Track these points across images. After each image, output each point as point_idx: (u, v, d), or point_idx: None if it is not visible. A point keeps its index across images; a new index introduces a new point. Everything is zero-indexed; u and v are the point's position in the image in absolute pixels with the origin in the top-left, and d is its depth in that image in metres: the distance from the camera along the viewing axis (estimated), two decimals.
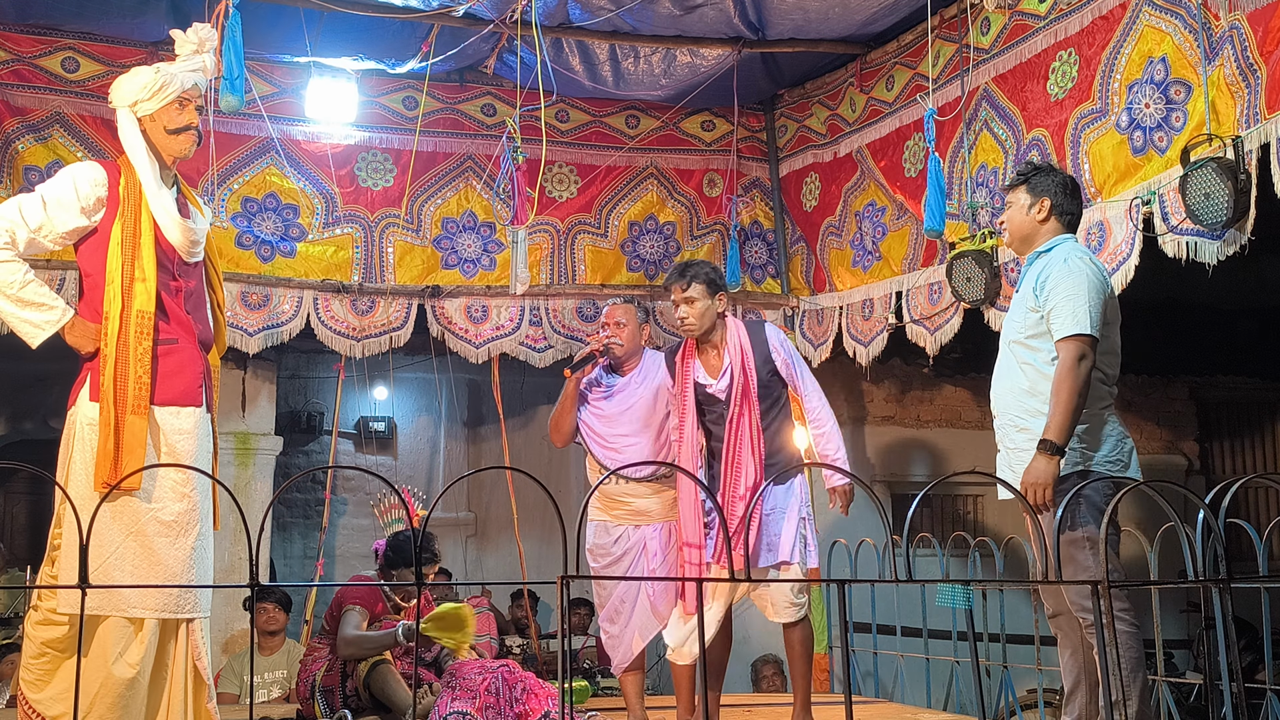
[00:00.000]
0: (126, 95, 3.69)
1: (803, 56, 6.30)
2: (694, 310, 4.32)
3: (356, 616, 4.89)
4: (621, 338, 4.64)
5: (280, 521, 8.60)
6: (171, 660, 3.51)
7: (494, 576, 8.45)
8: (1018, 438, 3.68)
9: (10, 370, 7.56)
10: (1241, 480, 2.57)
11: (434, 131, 6.46)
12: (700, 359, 4.41)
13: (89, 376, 3.52)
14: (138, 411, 3.46)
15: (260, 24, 5.57)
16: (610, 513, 4.67)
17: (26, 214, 3.51)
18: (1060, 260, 3.62)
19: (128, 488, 3.44)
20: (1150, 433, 8.84)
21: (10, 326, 3.56)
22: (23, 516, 8.49)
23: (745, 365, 4.30)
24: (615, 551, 4.65)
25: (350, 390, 7.81)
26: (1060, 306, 3.54)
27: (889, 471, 8.04)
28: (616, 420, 4.69)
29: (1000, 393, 3.79)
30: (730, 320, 4.41)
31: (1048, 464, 3.44)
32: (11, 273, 3.47)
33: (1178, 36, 4.35)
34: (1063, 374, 3.48)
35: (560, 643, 2.40)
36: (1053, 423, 3.46)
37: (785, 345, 4.39)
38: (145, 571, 3.44)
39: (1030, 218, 3.76)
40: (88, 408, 3.49)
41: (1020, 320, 3.71)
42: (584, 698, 5.63)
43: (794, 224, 6.89)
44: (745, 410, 4.27)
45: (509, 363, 6.69)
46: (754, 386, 4.29)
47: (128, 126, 3.68)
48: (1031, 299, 3.65)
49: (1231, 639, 3.69)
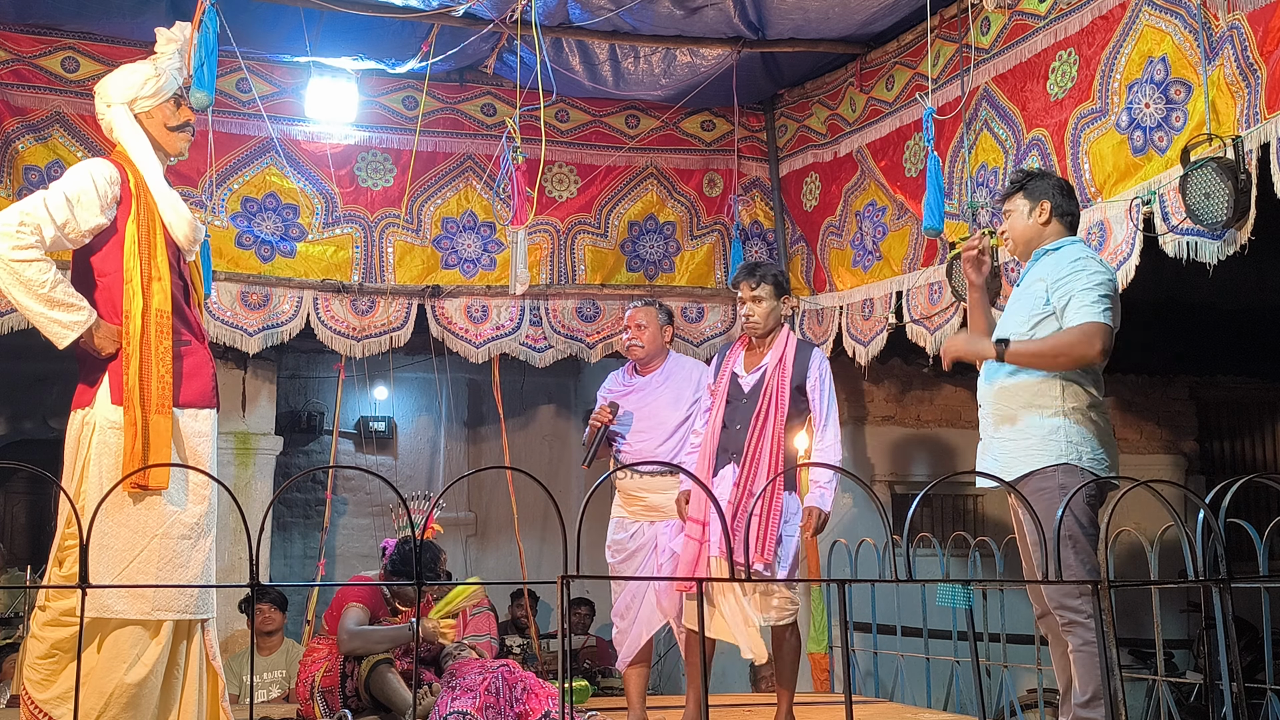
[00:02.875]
0: (125, 92, 3.66)
1: (803, 56, 6.30)
2: (760, 309, 4.47)
3: (358, 612, 4.90)
4: (642, 340, 4.82)
5: (280, 521, 8.60)
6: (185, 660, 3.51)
7: (494, 576, 8.45)
8: (1008, 431, 3.71)
9: (10, 370, 7.56)
10: (1241, 480, 2.57)
11: (434, 131, 6.46)
12: (746, 353, 4.56)
13: (105, 378, 3.45)
14: (161, 411, 3.45)
15: (260, 24, 5.57)
16: (628, 508, 4.80)
17: (53, 211, 3.38)
18: (1073, 257, 3.66)
19: (155, 487, 3.41)
20: (1150, 433, 8.84)
21: (38, 326, 3.45)
22: (23, 516, 8.49)
23: (782, 370, 4.39)
24: (630, 547, 4.77)
25: (350, 390, 7.81)
26: (1078, 298, 3.55)
27: (889, 471, 8.04)
28: (634, 417, 4.82)
29: (989, 386, 3.83)
30: (785, 329, 4.54)
31: (980, 344, 3.72)
32: (42, 271, 3.34)
33: (1178, 36, 4.35)
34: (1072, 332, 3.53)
35: (560, 643, 2.40)
36: (1028, 345, 3.62)
37: (823, 371, 4.45)
38: (169, 573, 3.42)
39: (1033, 222, 3.80)
40: (109, 410, 3.43)
41: (1024, 314, 3.73)
42: (584, 698, 5.63)
43: (794, 224, 6.88)
44: (771, 411, 4.35)
45: (509, 363, 6.69)
46: (785, 389, 4.37)
47: (128, 123, 3.65)
48: (1043, 295, 3.66)
49: (1231, 639, 3.69)
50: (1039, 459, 3.63)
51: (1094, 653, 3.48)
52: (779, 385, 4.37)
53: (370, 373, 6.91)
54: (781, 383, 4.37)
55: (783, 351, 4.43)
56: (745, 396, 4.44)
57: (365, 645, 4.82)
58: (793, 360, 4.41)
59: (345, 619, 4.87)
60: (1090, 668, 3.50)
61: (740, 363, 4.54)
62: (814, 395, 4.41)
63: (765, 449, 4.31)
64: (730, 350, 4.63)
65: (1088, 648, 3.50)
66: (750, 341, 4.56)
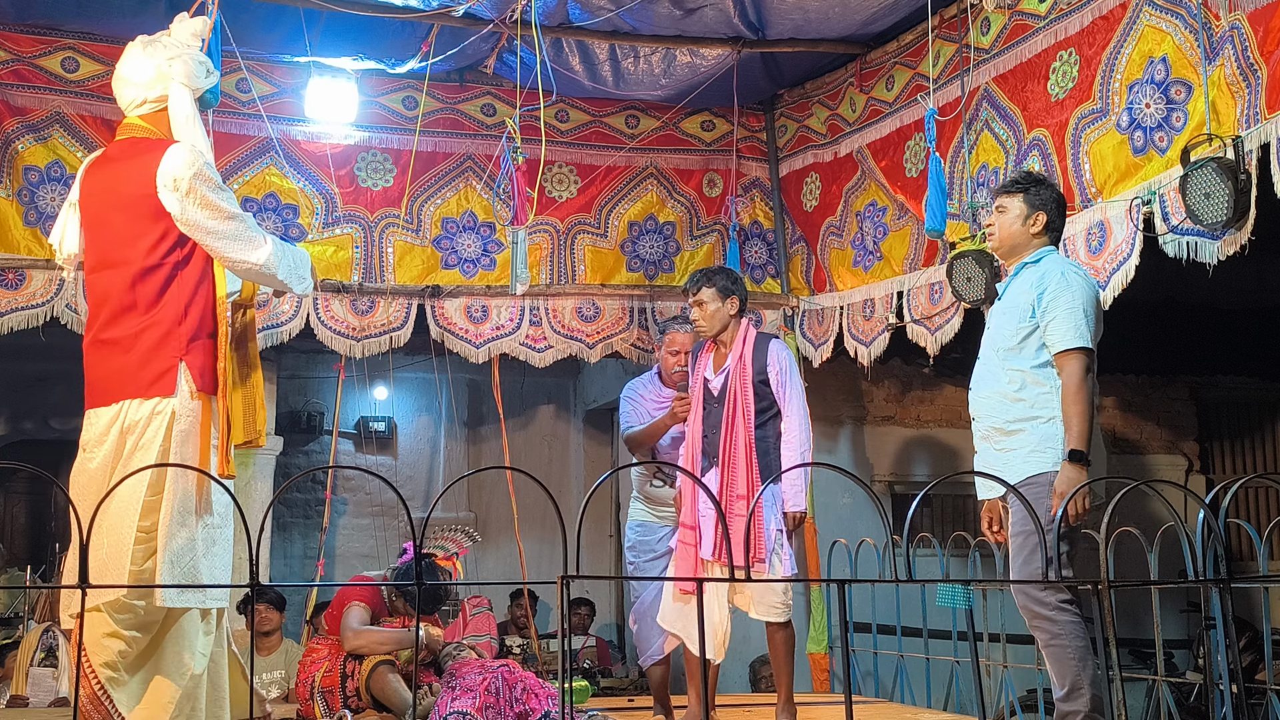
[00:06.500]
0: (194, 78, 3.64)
1: (803, 56, 6.30)
2: (703, 313, 4.63)
3: (360, 612, 4.90)
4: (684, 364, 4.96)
5: (280, 521, 8.61)
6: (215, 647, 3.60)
7: (494, 576, 8.45)
8: (1007, 441, 3.78)
9: (10, 370, 7.56)
10: (1241, 480, 2.57)
11: (434, 131, 6.46)
12: (714, 355, 4.71)
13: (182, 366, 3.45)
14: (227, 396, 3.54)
15: (260, 24, 5.57)
16: (656, 514, 4.98)
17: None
18: (1058, 274, 3.75)
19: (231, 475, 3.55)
20: (1150, 433, 8.84)
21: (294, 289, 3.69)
22: (23, 516, 8.49)
23: (743, 369, 4.53)
24: (659, 549, 4.95)
25: (350, 390, 7.81)
26: (1061, 319, 3.67)
27: (889, 471, 8.03)
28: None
29: (983, 397, 3.89)
30: (744, 325, 4.65)
31: (1079, 474, 3.56)
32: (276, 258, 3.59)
33: (1178, 36, 4.35)
34: (1074, 387, 3.63)
35: (560, 643, 2.40)
36: (1075, 434, 3.60)
37: (783, 361, 4.56)
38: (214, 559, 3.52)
39: (1025, 229, 3.89)
40: (190, 403, 3.45)
41: (1011, 327, 3.82)
42: (584, 698, 5.63)
43: (794, 224, 6.88)
44: (739, 412, 4.48)
45: (509, 363, 6.69)
46: (748, 388, 4.49)
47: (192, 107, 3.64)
48: (1028, 309, 3.75)
49: (1232, 639, 3.69)
50: (1034, 465, 3.70)
51: (1064, 645, 3.56)
52: (742, 385, 4.51)
53: (370, 373, 6.90)
54: (744, 382, 4.51)
55: (741, 349, 4.57)
56: (716, 400, 4.59)
57: (369, 645, 4.82)
58: (751, 357, 4.54)
59: (348, 617, 4.87)
60: (1062, 661, 3.57)
61: (710, 366, 4.69)
62: (776, 387, 4.52)
63: (739, 450, 4.44)
64: (700, 353, 4.78)
65: (1056, 642, 3.57)
66: (715, 343, 4.70)
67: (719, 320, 4.62)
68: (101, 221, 3.57)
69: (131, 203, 3.51)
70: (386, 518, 8.69)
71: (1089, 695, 3.51)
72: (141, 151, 3.57)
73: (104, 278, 3.56)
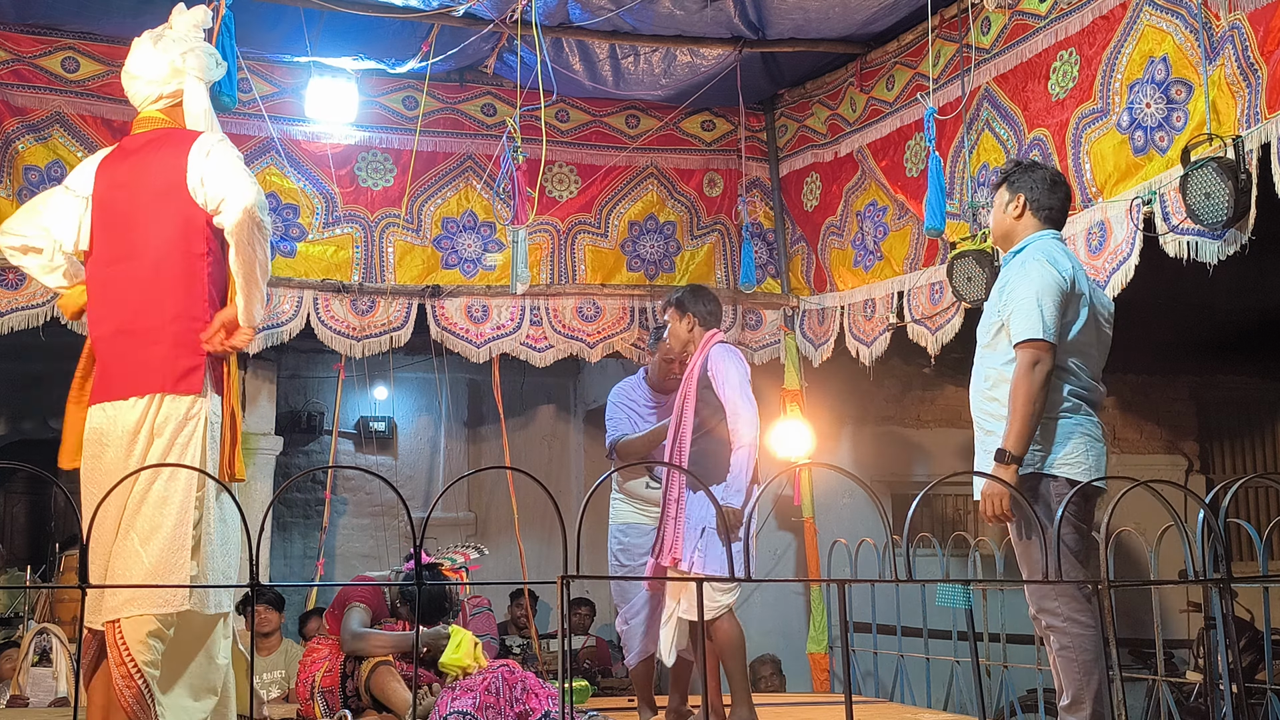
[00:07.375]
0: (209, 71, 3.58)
1: (803, 56, 6.30)
2: (670, 332, 4.72)
3: (360, 613, 4.90)
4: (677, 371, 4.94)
5: (280, 521, 8.60)
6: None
7: (494, 576, 8.45)
8: (986, 440, 3.68)
9: (10, 370, 7.56)
10: (1241, 480, 2.57)
11: (434, 131, 6.46)
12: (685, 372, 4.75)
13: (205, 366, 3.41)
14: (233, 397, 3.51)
15: (260, 24, 5.57)
16: (645, 515, 4.96)
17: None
18: (1019, 264, 3.60)
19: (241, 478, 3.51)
20: (1150, 433, 8.84)
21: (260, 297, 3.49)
22: (22, 516, 8.50)
23: (690, 378, 4.56)
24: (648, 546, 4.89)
25: (350, 390, 7.81)
26: (1017, 311, 3.51)
27: (889, 471, 8.03)
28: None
29: (971, 395, 3.81)
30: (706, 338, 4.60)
31: (1003, 473, 3.39)
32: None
33: (1178, 36, 4.35)
34: (1016, 380, 3.45)
35: (560, 643, 2.40)
36: (1010, 431, 3.44)
37: (718, 362, 4.48)
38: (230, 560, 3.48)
39: (1006, 215, 3.75)
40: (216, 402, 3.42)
41: (986, 323, 3.72)
42: (584, 698, 5.63)
43: (794, 224, 6.88)
44: (682, 419, 4.52)
45: (509, 363, 6.69)
46: (691, 399, 4.49)
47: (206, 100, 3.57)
48: (997, 301, 3.64)
49: (1232, 639, 3.69)
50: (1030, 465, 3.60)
51: (1071, 658, 3.46)
52: (686, 394, 4.52)
53: (370, 373, 6.91)
54: (687, 394, 4.51)
55: (694, 363, 4.57)
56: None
57: (367, 647, 4.82)
58: (699, 367, 4.52)
59: (348, 619, 4.87)
60: (1070, 671, 3.48)
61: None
62: (716, 386, 4.46)
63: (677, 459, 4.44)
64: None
65: (1066, 652, 3.47)
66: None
67: (679, 338, 4.67)
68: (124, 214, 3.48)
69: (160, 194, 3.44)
70: (386, 518, 8.69)
71: (1090, 710, 3.46)
72: (166, 143, 3.50)
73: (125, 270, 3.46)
